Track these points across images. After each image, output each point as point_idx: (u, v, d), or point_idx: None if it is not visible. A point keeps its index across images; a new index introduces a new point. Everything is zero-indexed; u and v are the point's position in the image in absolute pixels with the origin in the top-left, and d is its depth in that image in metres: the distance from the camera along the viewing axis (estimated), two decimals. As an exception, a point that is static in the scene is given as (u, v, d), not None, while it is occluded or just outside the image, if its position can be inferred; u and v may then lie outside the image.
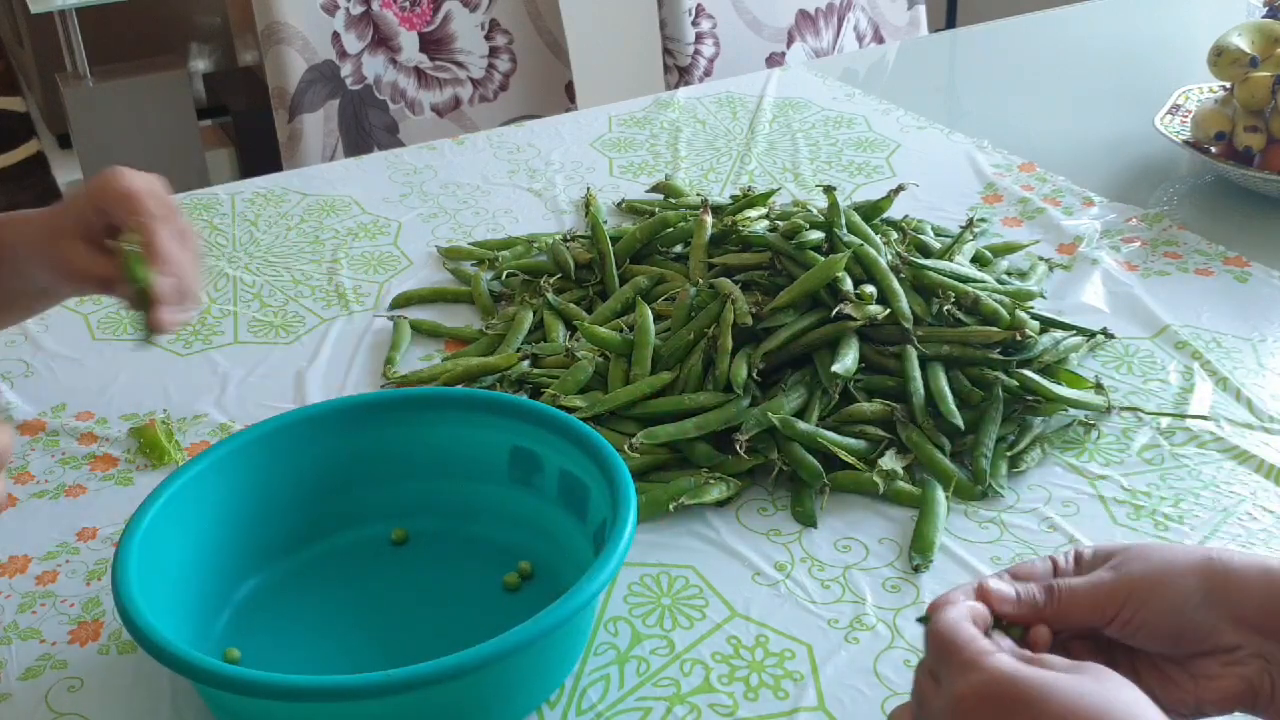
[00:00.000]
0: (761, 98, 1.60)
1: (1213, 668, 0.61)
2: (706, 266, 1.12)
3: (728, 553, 0.88)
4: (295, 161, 1.73)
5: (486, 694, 0.73)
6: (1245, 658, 0.61)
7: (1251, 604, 0.61)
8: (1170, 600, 0.61)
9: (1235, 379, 1.03)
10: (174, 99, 2.83)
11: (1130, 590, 0.62)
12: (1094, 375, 1.02)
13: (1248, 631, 0.61)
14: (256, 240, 1.30)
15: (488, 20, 1.86)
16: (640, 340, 1.01)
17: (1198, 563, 0.62)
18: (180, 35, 3.38)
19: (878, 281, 1.01)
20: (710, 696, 0.77)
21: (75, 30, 2.71)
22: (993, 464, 0.93)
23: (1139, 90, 1.56)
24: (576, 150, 1.49)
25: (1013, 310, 1.01)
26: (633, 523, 0.77)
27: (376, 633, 0.82)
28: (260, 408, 1.04)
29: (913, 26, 2.08)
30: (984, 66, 1.78)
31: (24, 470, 0.98)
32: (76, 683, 0.78)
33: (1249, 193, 1.32)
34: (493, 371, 1.03)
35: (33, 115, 3.65)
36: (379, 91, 1.81)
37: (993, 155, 1.43)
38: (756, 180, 1.39)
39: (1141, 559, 0.63)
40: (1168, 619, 0.61)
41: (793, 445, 0.92)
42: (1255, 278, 1.18)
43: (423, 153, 1.50)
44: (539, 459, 0.87)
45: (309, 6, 1.72)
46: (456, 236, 1.30)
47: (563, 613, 0.71)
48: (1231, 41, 1.31)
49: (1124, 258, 1.22)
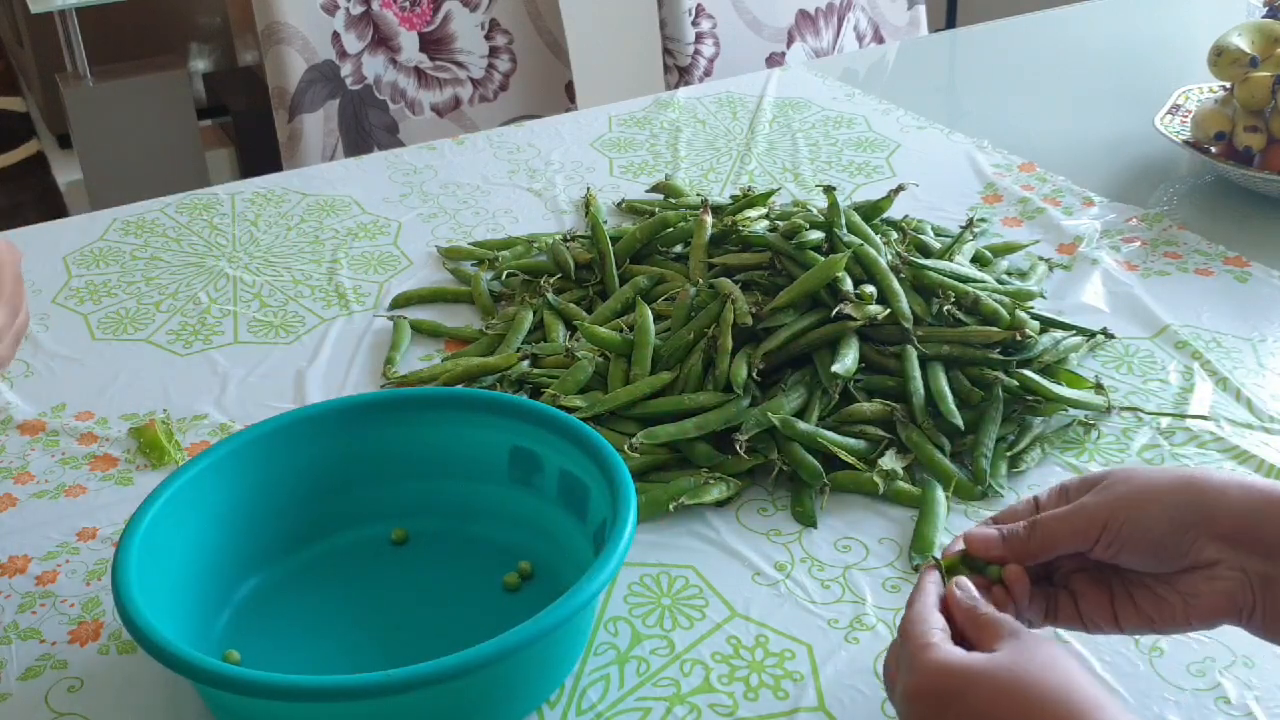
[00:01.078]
0: (761, 98, 1.60)
1: (1197, 584, 0.63)
2: (706, 266, 1.12)
3: (728, 553, 0.88)
4: (295, 161, 1.73)
5: (486, 694, 0.73)
6: (1225, 572, 0.63)
7: (1229, 518, 0.63)
8: (1151, 518, 0.63)
9: (1235, 379, 1.03)
10: (174, 99, 2.83)
11: (1111, 512, 0.64)
12: (1094, 375, 1.02)
13: (1226, 546, 0.63)
14: (256, 240, 1.30)
15: (488, 20, 1.86)
16: (640, 340, 1.01)
17: (1178, 481, 0.64)
18: (180, 35, 3.38)
19: (878, 281, 1.01)
20: (710, 696, 0.77)
21: (75, 30, 2.71)
22: (993, 464, 0.93)
23: (1139, 90, 1.57)
24: (576, 150, 1.49)
25: (1013, 310, 1.01)
26: (633, 523, 0.77)
27: (376, 633, 0.82)
28: (260, 408, 1.04)
29: (913, 26, 2.08)
30: (984, 66, 1.78)
31: (24, 470, 0.98)
32: (76, 683, 0.78)
33: (1249, 193, 1.32)
34: (493, 371, 1.03)
35: (33, 115, 3.65)
36: (379, 91, 1.81)
37: (993, 155, 1.43)
38: (756, 180, 1.39)
39: (1124, 481, 0.65)
40: (1149, 537, 0.63)
41: (793, 445, 0.92)
42: (1255, 278, 1.18)
43: (423, 153, 1.50)
44: (539, 459, 0.87)
45: (309, 6, 1.72)
46: (456, 236, 1.30)
47: (563, 613, 0.71)
48: (1231, 41, 1.31)
49: (1124, 258, 1.22)
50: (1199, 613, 0.63)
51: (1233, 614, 0.63)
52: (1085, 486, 0.67)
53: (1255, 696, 0.75)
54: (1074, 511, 0.65)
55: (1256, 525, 0.62)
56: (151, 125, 2.81)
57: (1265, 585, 0.62)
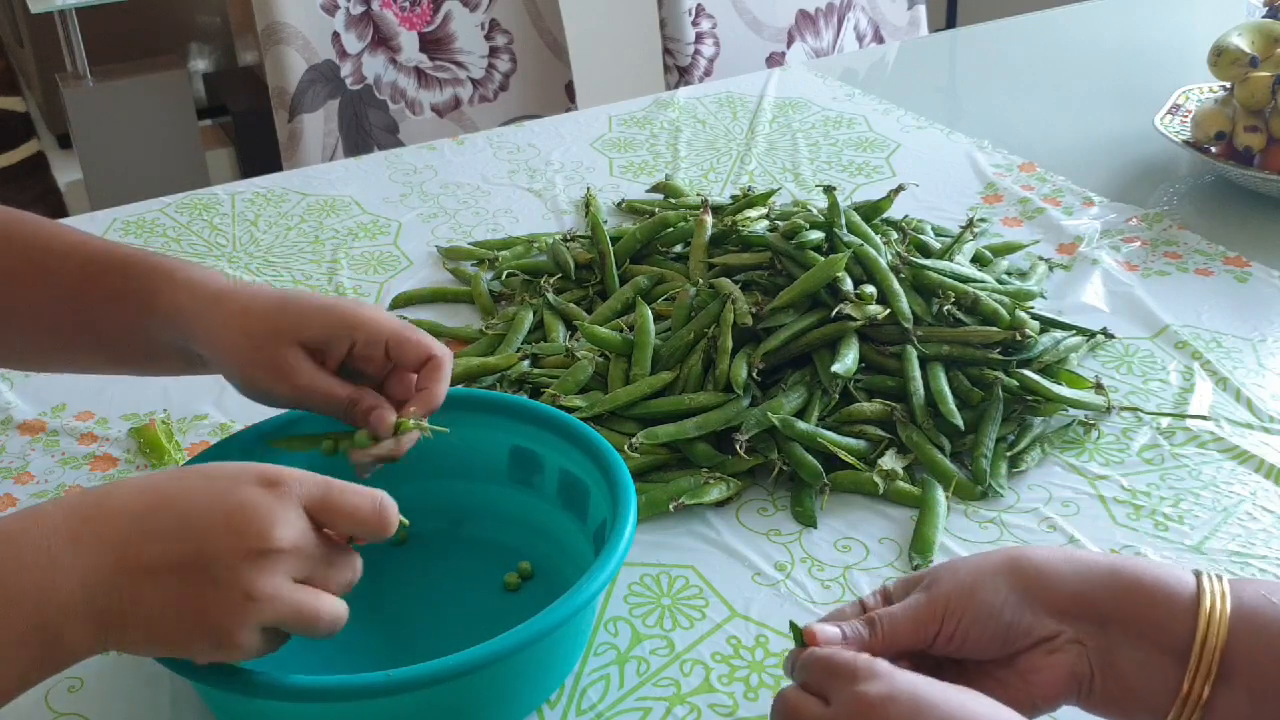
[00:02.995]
0: (761, 98, 1.60)
1: (1037, 660, 0.64)
2: (706, 266, 1.12)
3: (728, 553, 0.88)
4: (295, 161, 1.73)
5: (487, 694, 0.73)
6: (1064, 644, 0.63)
7: (1062, 592, 0.63)
8: (987, 605, 0.64)
9: (1235, 379, 1.03)
10: (174, 99, 2.83)
11: (946, 604, 0.64)
12: (1094, 375, 1.02)
13: (1062, 618, 0.63)
14: (256, 240, 1.30)
15: (488, 20, 1.86)
16: (640, 340, 1.01)
17: (1003, 563, 0.65)
18: (180, 35, 3.38)
19: (878, 281, 1.01)
20: (710, 696, 0.77)
21: (75, 30, 2.71)
22: (993, 464, 0.93)
23: (1139, 90, 1.57)
24: (576, 150, 1.49)
25: (1013, 310, 1.01)
26: (633, 523, 0.77)
27: (376, 633, 0.82)
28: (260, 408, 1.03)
29: (913, 26, 2.08)
30: (984, 66, 1.78)
31: (24, 470, 0.98)
32: (76, 683, 0.78)
33: (1249, 193, 1.32)
34: (493, 371, 1.03)
35: (33, 115, 3.65)
36: (379, 91, 1.81)
37: (993, 155, 1.43)
38: (756, 180, 1.39)
39: (950, 573, 0.66)
40: (988, 624, 0.64)
41: (793, 445, 0.92)
42: (1255, 278, 1.18)
43: (423, 153, 1.50)
44: (539, 459, 0.87)
45: (309, 6, 1.72)
46: (456, 236, 1.30)
47: (563, 613, 0.71)
48: (1231, 41, 1.31)
49: (1124, 258, 1.22)
50: (1041, 690, 0.63)
51: (1073, 687, 0.63)
52: (909, 585, 0.67)
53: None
54: (911, 604, 0.65)
55: (1088, 595, 0.63)
56: (151, 125, 2.81)
57: (1102, 655, 0.63)
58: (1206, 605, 0.61)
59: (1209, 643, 0.60)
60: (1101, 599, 0.63)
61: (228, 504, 0.62)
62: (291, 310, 0.78)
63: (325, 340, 0.78)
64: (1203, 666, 0.60)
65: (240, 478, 0.64)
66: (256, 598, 0.61)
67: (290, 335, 0.77)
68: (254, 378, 0.78)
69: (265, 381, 0.78)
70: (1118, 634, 0.62)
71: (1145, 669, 0.62)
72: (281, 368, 0.77)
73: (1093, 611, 0.63)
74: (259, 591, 0.61)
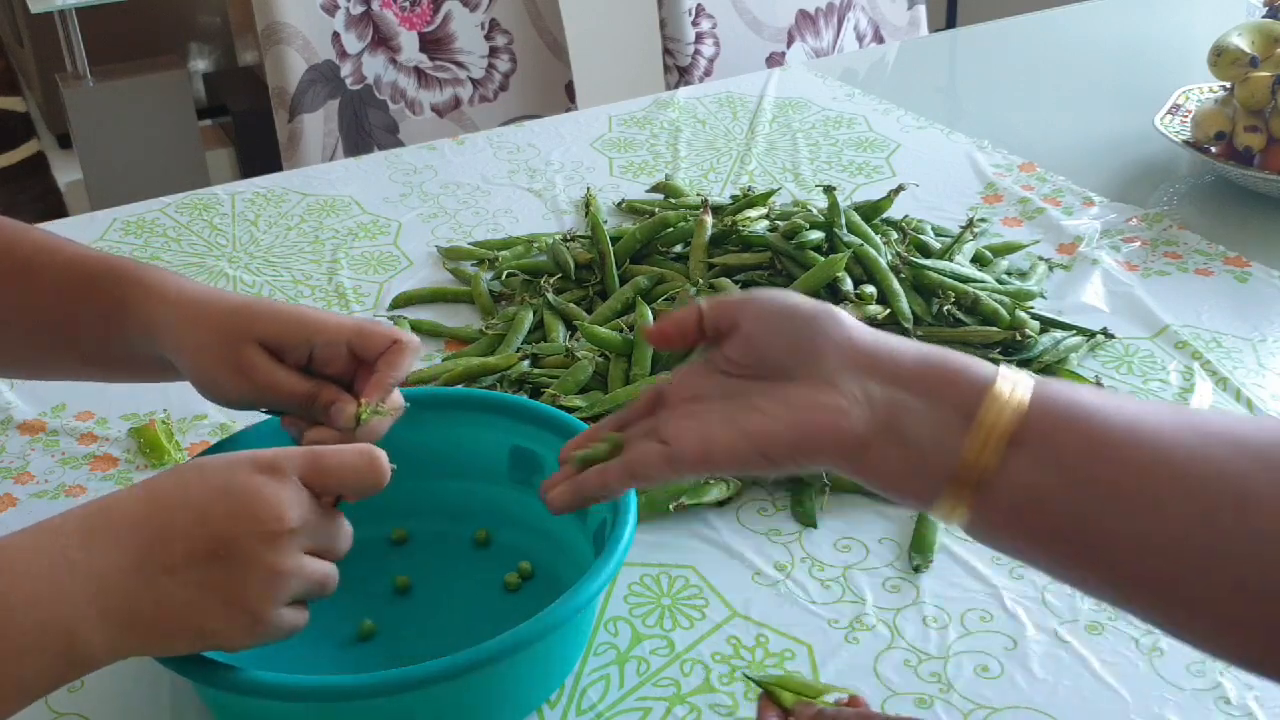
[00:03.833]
0: (761, 98, 1.60)
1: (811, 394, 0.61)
2: (706, 266, 1.12)
3: (728, 553, 0.88)
4: (295, 161, 1.73)
5: (487, 694, 0.73)
6: (847, 393, 0.61)
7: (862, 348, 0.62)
8: (781, 303, 0.65)
9: (1235, 379, 1.03)
10: (174, 99, 2.83)
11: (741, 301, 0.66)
12: (1094, 375, 1.02)
13: (856, 371, 0.61)
14: (256, 240, 1.30)
15: (488, 20, 1.86)
16: (640, 340, 1.01)
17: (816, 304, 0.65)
18: (180, 35, 3.38)
19: (878, 281, 1.01)
20: (710, 696, 0.77)
21: (75, 30, 2.71)
22: (993, 464, 0.92)
23: (1139, 90, 1.56)
24: (576, 150, 1.49)
25: (1013, 310, 1.01)
26: (633, 523, 0.77)
27: (376, 633, 0.82)
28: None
29: (913, 26, 2.08)
30: (984, 66, 1.78)
31: (24, 470, 0.98)
32: (77, 683, 0.78)
33: (1249, 193, 1.32)
34: (493, 371, 1.03)
35: (33, 115, 3.65)
36: (379, 91, 1.81)
37: (993, 155, 1.43)
38: (756, 180, 1.39)
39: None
40: (781, 322, 0.64)
41: (793, 445, 0.92)
42: (1255, 278, 1.18)
43: (423, 153, 1.50)
44: (539, 459, 0.87)
45: (309, 6, 1.72)
46: (456, 236, 1.30)
47: (563, 613, 0.71)
48: (1231, 41, 1.31)
49: (1124, 258, 1.22)
50: (802, 423, 0.61)
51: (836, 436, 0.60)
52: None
53: (1255, 696, 0.75)
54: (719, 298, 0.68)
55: (888, 356, 0.62)
56: (151, 125, 2.81)
57: (886, 420, 0.60)
58: (1007, 374, 0.59)
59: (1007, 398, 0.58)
60: (903, 365, 0.61)
61: (237, 494, 0.65)
62: (249, 311, 0.79)
63: (282, 339, 0.78)
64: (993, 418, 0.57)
65: (239, 468, 0.66)
66: (282, 573, 0.65)
67: (247, 333, 0.78)
68: (215, 378, 0.78)
69: (226, 381, 0.78)
70: (910, 396, 0.60)
71: (933, 427, 0.59)
72: (241, 365, 0.77)
73: (888, 372, 0.61)
74: (284, 568, 0.65)
